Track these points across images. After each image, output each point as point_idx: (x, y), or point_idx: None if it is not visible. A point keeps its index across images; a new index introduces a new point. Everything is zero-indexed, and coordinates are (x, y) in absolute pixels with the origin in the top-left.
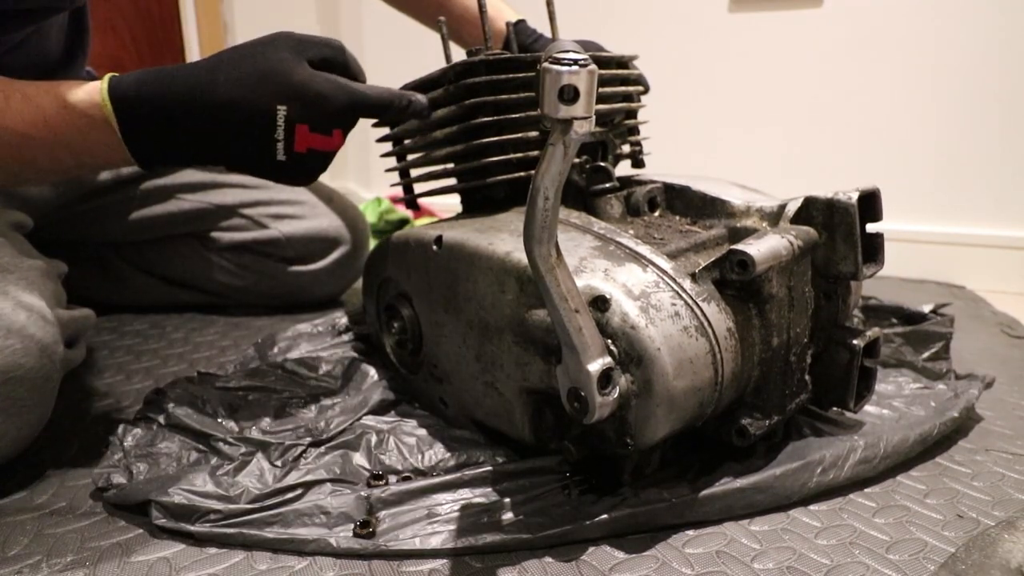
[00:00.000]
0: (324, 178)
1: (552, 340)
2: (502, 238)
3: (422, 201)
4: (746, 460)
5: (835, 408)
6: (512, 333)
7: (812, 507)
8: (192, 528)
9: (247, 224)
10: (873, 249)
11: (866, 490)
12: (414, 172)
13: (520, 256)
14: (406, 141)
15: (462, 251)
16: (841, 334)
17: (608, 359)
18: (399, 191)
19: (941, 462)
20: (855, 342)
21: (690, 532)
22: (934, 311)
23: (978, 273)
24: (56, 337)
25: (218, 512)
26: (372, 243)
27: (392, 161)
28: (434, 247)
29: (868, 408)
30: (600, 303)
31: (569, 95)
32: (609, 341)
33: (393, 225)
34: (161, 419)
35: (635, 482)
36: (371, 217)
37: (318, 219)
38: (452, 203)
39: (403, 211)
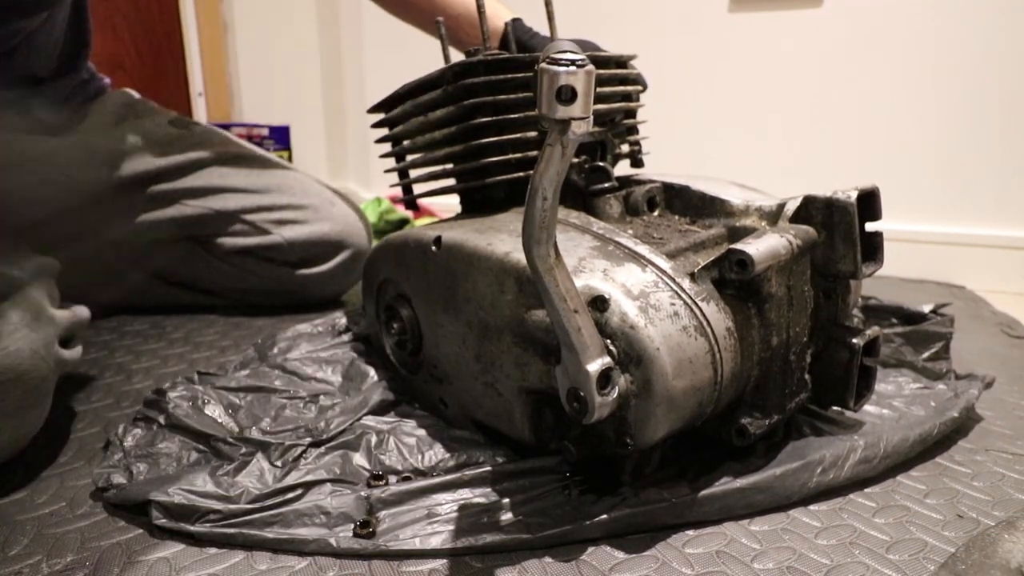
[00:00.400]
0: (325, 178)
1: (551, 340)
2: (501, 238)
3: (422, 201)
4: (746, 460)
5: (835, 407)
6: (511, 333)
7: (812, 507)
8: (192, 528)
9: (249, 230)
10: (872, 248)
11: (866, 490)
12: (414, 172)
13: (519, 256)
14: (405, 142)
15: (461, 251)
16: (841, 333)
17: (607, 359)
18: (399, 191)
19: (941, 462)
20: (855, 341)
21: (690, 532)
22: (934, 311)
23: (978, 273)
24: (51, 338)
25: (218, 512)
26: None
27: (392, 161)
28: (433, 248)
29: (868, 408)
30: (599, 303)
31: (567, 95)
32: (608, 341)
33: (393, 225)
34: (161, 419)
35: (635, 482)
36: (371, 217)
37: (321, 223)
38: (452, 203)
39: (403, 211)
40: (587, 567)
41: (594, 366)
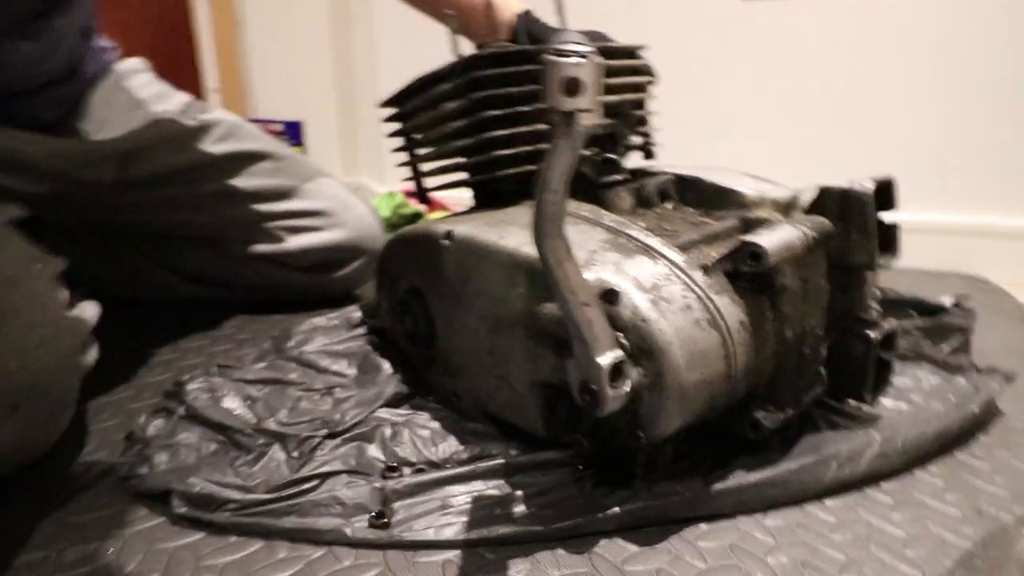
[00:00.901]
0: (338, 174)
1: (563, 333)
2: (512, 232)
3: (435, 195)
4: (760, 454)
5: (851, 401)
6: (523, 327)
7: (827, 502)
8: (212, 517)
9: (262, 237)
10: (888, 239)
11: (883, 485)
12: (426, 166)
13: (530, 250)
14: (417, 135)
15: (472, 245)
16: (856, 326)
17: (619, 352)
18: (412, 185)
19: (960, 457)
20: (870, 334)
21: (703, 526)
22: (955, 304)
23: (1002, 265)
24: (74, 349)
25: (237, 501)
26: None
27: (405, 155)
28: (445, 242)
29: (885, 402)
30: (610, 296)
31: (573, 87)
32: (620, 334)
33: (406, 219)
34: (181, 411)
35: (648, 475)
36: (384, 211)
37: (335, 231)
38: (466, 197)
39: (416, 205)
40: (600, 560)
41: (605, 359)
